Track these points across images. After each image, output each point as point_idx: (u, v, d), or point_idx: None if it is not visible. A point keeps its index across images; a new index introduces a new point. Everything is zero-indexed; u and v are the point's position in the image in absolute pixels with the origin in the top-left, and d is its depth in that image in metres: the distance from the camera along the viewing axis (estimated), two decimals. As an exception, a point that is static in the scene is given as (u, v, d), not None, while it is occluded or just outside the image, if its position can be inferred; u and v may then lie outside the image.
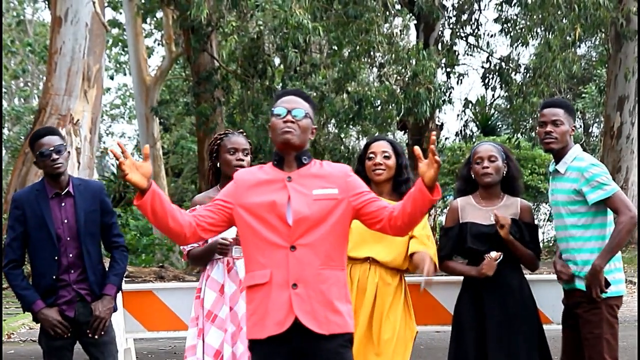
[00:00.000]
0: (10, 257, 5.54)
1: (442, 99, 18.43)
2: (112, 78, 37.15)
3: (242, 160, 5.51)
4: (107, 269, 5.68)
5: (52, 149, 5.45)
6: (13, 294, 15.64)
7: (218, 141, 5.60)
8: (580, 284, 5.41)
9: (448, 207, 5.78)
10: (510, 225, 5.46)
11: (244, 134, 5.75)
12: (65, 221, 5.48)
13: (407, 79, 18.42)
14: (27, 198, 5.53)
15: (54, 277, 5.45)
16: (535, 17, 19.71)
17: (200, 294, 5.43)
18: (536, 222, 5.80)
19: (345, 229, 4.26)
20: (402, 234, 4.27)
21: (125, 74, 36.89)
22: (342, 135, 26.23)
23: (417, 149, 4.01)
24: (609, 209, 5.44)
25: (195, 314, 5.45)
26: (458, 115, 22.26)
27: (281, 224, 4.15)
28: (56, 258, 5.44)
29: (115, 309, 5.66)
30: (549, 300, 5.82)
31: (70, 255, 5.47)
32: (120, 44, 34.87)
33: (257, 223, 4.18)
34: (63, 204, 5.51)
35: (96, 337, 5.52)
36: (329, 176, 4.26)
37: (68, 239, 5.47)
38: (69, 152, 5.61)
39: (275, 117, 4.27)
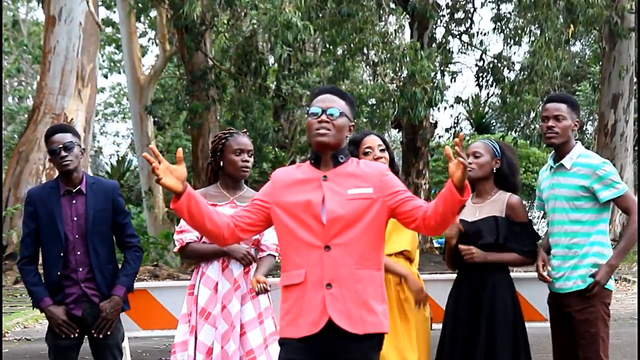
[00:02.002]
0: (23, 253, 5.57)
1: (438, 97, 18.45)
2: (106, 77, 37.13)
3: (247, 161, 5.50)
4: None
5: (60, 146, 5.45)
6: (8, 293, 15.61)
7: (223, 140, 5.55)
8: (572, 287, 5.44)
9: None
10: (492, 223, 5.51)
11: (247, 133, 5.74)
12: (75, 219, 5.47)
13: (402, 78, 18.43)
14: (40, 195, 5.55)
15: (59, 273, 5.44)
16: (528, 15, 19.73)
17: (194, 290, 5.42)
18: (530, 219, 5.78)
19: (381, 228, 4.24)
20: (436, 233, 4.26)
21: (119, 73, 36.86)
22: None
23: (448, 148, 3.97)
24: (609, 206, 5.50)
25: (187, 310, 5.44)
26: (445, 108, 22.25)
27: (316, 223, 4.15)
28: (62, 255, 5.43)
29: (124, 309, 5.65)
30: (543, 297, 5.81)
31: (79, 253, 5.46)
32: (114, 43, 34.85)
33: (292, 222, 4.19)
34: (74, 202, 5.50)
35: (101, 336, 5.52)
36: (365, 175, 4.25)
37: (76, 236, 5.46)
38: (82, 149, 5.61)
39: (311, 117, 4.26)
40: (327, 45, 20.29)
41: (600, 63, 25.32)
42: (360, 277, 4.14)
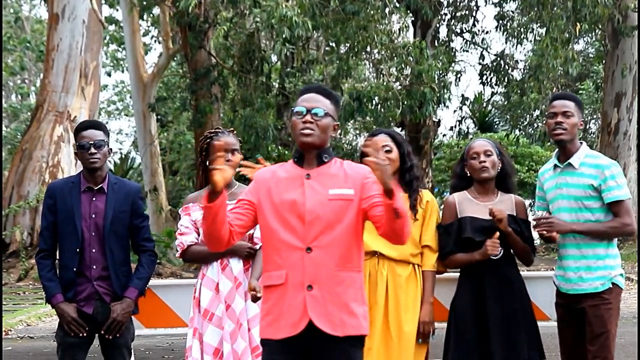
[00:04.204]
0: (41, 247, 5.58)
1: (444, 96, 18.46)
2: (109, 75, 37.16)
3: (230, 161, 5.48)
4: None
5: (92, 142, 5.45)
6: (11, 291, 15.61)
7: (207, 140, 5.57)
8: (587, 288, 5.43)
9: (444, 204, 5.73)
10: (509, 220, 5.47)
11: (234, 132, 5.72)
12: (93, 216, 5.46)
13: (408, 77, 18.41)
14: (61, 189, 5.54)
15: (75, 269, 5.43)
16: (532, 13, 19.69)
17: (196, 293, 5.43)
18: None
19: (360, 230, 4.23)
20: (394, 241, 4.17)
21: (122, 71, 36.89)
22: (340, 132, 26.23)
23: (367, 160, 3.91)
24: None
25: (192, 314, 5.45)
26: (455, 111, 22.27)
27: (299, 223, 4.14)
28: (78, 250, 5.43)
29: (134, 312, 5.64)
30: (547, 297, 5.81)
31: (94, 250, 5.44)
32: (116, 41, 34.86)
33: (276, 223, 4.17)
34: (94, 199, 5.50)
35: (110, 337, 5.52)
36: (347, 177, 4.23)
37: (93, 234, 5.45)
38: (110, 149, 5.62)
39: (296, 116, 4.25)
40: (331, 43, 20.29)
41: (604, 61, 25.29)
42: (341, 279, 4.13)
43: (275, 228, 4.17)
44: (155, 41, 35.34)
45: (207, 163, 5.50)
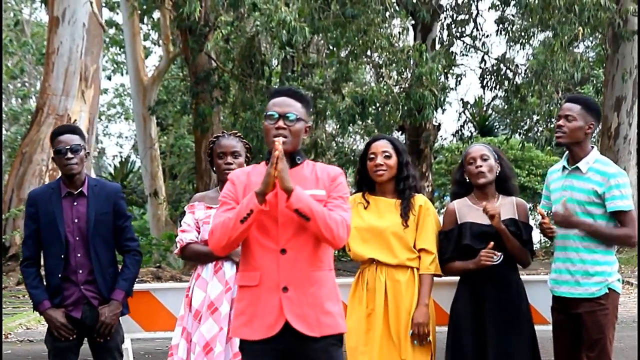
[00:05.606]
0: (25, 255, 5.58)
1: (444, 100, 18.45)
2: (109, 78, 37.11)
3: (231, 164, 5.50)
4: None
5: (68, 147, 5.46)
6: (11, 294, 15.59)
7: (211, 145, 5.64)
8: (582, 293, 5.41)
9: (444, 211, 5.74)
10: (509, 223, 5.46)
11: (238, 134, 5.72)
12: (76, 221, 5.46)
13: (408, 80, 18.39)
14: (42, 196, 5.55)
15: (60, 275, 5.43)
16: (533, 17, 19.65)
17: (189, 292, 5.44)
18: (533, 222, 5.76)
19: None
20: (331, 245, 4.22)
21: (122, 75, 36.86)
22: (340, 137, 26.18)
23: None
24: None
25: (183, 313, 5.45)
26: (459, 116, 22.24)
27: (273, 225, 4.17)
28: (63, 256, 5.42)
29: (123, 313, 5.63)
30: (547, 301, 5.80)
31: (79, 255, 5.45)
32: (116, 45, 34.82)
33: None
34: (75, 204, 5.50)
35: (101, 340, 5.50)
36: (319, 178, 4.29)
37: (77, 238, 5.45)
38: (87, 152, 5.62)
39: (268, 120, 4.27)
40: (331, 47, 20.26)
41: (604, 65, 25.26)
42: (315, 279, 4.18)
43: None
44: (155, 45, 35.30)
45: (212, 167, 5.52)
